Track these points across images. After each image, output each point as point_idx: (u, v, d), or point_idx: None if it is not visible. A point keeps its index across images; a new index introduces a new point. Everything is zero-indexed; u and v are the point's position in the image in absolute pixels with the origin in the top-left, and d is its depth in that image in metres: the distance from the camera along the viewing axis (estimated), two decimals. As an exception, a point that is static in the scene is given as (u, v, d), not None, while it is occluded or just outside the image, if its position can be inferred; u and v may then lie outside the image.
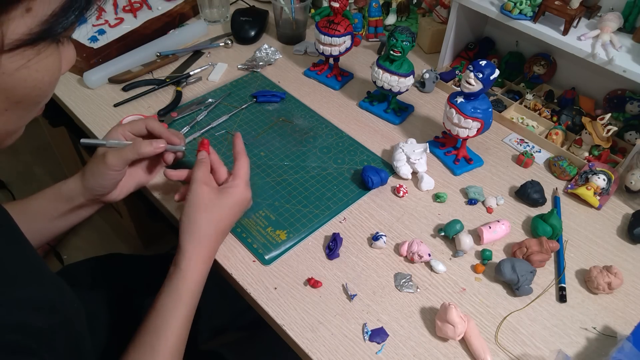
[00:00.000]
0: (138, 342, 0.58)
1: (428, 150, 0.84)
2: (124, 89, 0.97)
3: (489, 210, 0.79)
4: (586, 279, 0.70)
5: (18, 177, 1.88)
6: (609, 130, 0.83)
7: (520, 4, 0.86)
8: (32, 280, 0.48)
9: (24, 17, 0.35)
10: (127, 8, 1.13)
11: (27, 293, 0.45)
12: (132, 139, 0.70)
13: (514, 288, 0.67)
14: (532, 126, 0.94)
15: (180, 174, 0.71)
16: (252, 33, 1.12)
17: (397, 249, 0.73)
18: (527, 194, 0.79)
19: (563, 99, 0.96)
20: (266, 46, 1.09)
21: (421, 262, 0.71)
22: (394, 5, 1.16)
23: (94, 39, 1.05)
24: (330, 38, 0.94)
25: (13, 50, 0.35)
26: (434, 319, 0.64)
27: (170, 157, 0.72)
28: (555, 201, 0.81)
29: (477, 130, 0.80)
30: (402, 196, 0.80)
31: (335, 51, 0.96)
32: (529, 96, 0.97)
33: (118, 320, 0.78)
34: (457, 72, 1.04)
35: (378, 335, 0.63)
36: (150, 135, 0.71)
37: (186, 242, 0.62)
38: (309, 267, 0.70)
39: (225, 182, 0.68)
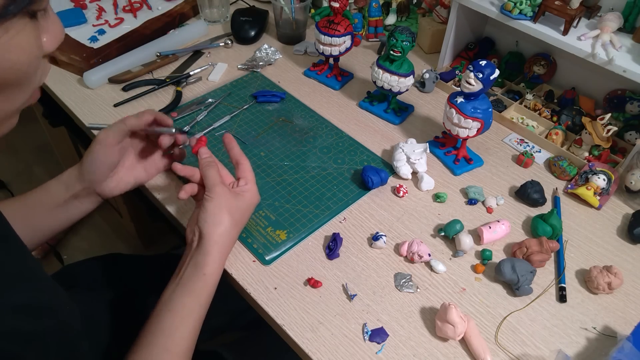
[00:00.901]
0: (147, 341, 0.57)
1: (428, 150, 0.84)
2: (124, 89, 0.97)
3: (489, 210, 0.79)
4: (586, 279, 0.70)
5: (17, 176, 1.88)
6: (609, 130, 0.83)
7: (520, 4, 0.86)
8: (24, 283, 0.47)
9: None
10: (127, 8, 1.13)
11: (17, 297, 0.44)
12: None
13: (514, 288, 0.67)
14: (532, 126, 0.94)
15: (188, 171, 0.69)
16: (252, 33, 1.12)
17: (397, 249, 0.73)
18: (527, 194, 0.79)
19: (563, 99, 0.96)
20: (266, 46, 1.09)
21: (421, 262, 0.71)
22: (394, 5, 1.16)
23: (94, 39, 1.05)
24: (330, 38, 0.94)
25: None
26: (434, 319, 0.64)
27: (165, 140, 0.71)
28: (555, 201, 0.81)
29: (477, 130, 0.80)
30: (402, 196, 0.80)
31: (335, 51, 0.96)
32: (529, 96, 0.97)
33: (118, 320, 0.77)
34: (457, 72, 1.04)
35: (378, 335, 0.63)
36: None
37: (213, 243, 0.62)
38: (309, 267, 0.70)
39: (234, 185, 0.68)
